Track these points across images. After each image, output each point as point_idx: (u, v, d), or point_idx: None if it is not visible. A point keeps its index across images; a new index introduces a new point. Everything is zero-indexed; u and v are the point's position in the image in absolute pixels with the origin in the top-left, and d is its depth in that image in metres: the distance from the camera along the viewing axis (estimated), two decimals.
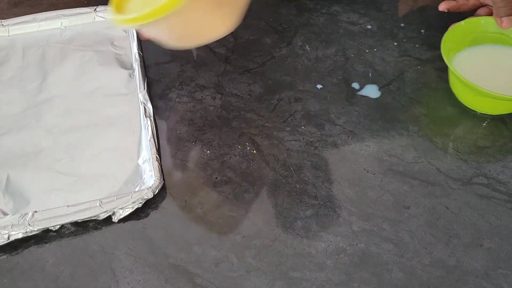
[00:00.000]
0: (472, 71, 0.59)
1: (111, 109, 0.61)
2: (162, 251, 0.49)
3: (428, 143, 0.58)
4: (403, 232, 0.50)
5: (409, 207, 0.52)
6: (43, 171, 0.55)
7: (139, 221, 0.52)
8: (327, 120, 0.60)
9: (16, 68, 0.66)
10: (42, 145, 0.58)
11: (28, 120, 0.60)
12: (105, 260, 0.49)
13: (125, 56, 0.67)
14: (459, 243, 0.50)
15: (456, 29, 0.61)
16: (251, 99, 0.62)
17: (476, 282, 0.47)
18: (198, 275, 0.48)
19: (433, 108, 0.59)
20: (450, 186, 0.54)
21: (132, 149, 0.57)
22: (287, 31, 0.65)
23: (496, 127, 0.59)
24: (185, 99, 0.63)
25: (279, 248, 0.50)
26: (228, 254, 0.49)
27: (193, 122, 0.60)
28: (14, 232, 0.49)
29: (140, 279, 0.48)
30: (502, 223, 0.51)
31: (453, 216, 0.52)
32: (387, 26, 0.71)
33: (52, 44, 0.69)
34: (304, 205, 0.53)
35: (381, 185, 0.54)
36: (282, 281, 0.47)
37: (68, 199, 0.52)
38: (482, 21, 0.62)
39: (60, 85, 0.64)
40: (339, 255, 0.49)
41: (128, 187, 0.53)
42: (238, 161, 0.56)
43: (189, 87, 0.64)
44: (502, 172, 0.55)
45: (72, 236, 0.51)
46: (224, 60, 0.67)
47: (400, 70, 0.65)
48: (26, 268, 0.49)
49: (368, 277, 0.47)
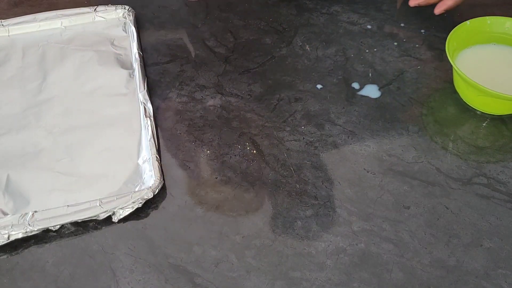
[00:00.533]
0: (476, 70, 0.59)
1: (111, 109, 0.61)
2: (162, 251, 0.49)
3: (428, 143, 0.58)
4: (403, 232, 0.50)
5: (409, 207, 0.52)
6: (43, 171, 0.55)
7: (139, 221, 0.52)
8: (327, 120, 0.60)
9: (16, 68, 0.66)
10: (42, 145, 0.58)
11: (28, 120, 0.60)
12: (105, 260, 0.49)
13: (125, 56, 0.67)
14: (459, 243, 0.50)
15: (461, 28, 0.61)
16: (251, 99, 0.62)
17: (476, 282, 0.47)
18: (198, 275, 0.48)
19: (433, 108, 0.59)
20: (450, 186, 0.54)
21: (132, 149, 0.57)
22: (287, 31, 0.65)
23: (496, 127, 0.59)
24: (185, 99, 0.63)
25: (279, 248, 0.50)
26: (228, 254, 0.49)
27: (193, 122, 0.60)
28: (14, 232, 0.49)
29: (140, 279, 0.48)
30: (502, 223, 0.51)
31: (453, 216, 0.52)
32: (387, 26, 0.71)
33: (52, 44, 0.69)
34: (304, 205, 0.53)
35: (381, 185, 0.54)
36: (282, 281, 0.47)
37: (68, 199, 0.52)
38: (488, 21, 0.62)
39: (60, 85, 0.64)
40: (339, 255, 0.49)
41: (128, 187, 0.53)
42: (238, 161, 0.56)
43: (189, 87, 0.64)
44: (502, 172, 0.55)
45: (72, 236, 0.51)
46: (224, 60, 0.67)
47: (400, 70, 0.66)
48: (26, 268, 0.49)
49: (368, 277, 0.47)
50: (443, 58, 0.66)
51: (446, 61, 0.58)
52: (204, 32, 0.71)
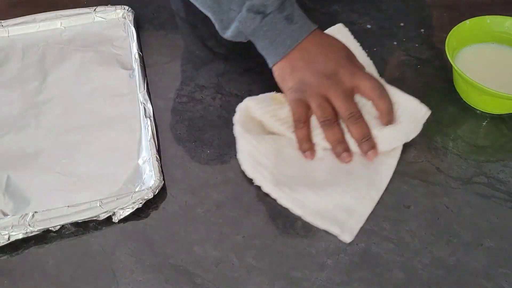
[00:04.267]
0: (476, 69, 0.59)
1: (111, 109, 0.61)
2: (162, 251, 0.49)
3: (428, 142, 0.58)
4: (403, 232, 0.50)
5: (409, 207, 0.52)
6: (43, 171, 0.55)
7: (139, 221, 0.52)
8: None
9: (16, 68, 0.66)
10: (42, 145, 0.58)
11: (28, 121, 0.60)
12: (106, 260, 0.49)
13: (125, 56, 0.67)
14: (459, 243, 0.50)
15: (461, 28, 0.61)
16: None
17: (476, 281, 0.47)
18: (198, 275, 0.48)
19: (433, 107, 0.59)
20: (450, 185, 0.54)
21: (132, 149, 0.57)
22: None
23: (496, 126, 0.59)
24: (185, 99, 0.63)
25: (279, 248, 0.50)
26: (228, 254, 0.49)
27: (193, 122, 0.60)
28: (15, 232, 0.49)
29: (140, 279, 0.48)
30: (502, 222, 0.51)
31: (453, 215, 0.52)
32: (387, 25, 0.71)
33: (51, 45, 0.69)
34: None
35: None
36: (283, 281, 0.47)
37: (68, 200, 0.52)
38: (487, 20, 0.62)
39: (60, 85, 0.64)
40: (340, 255, 0.49)
41: (128, 188, 0.53)
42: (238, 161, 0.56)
43: (189, 87, 0.64)
44: (502, 171, 0.55)
45: (73, 237, 0.51)
46: (224, 60, 0.67)
47: (400, 70, 0.65)
48: (27, 268, 0.49)
49: (369, 277, 0.47)
50: (442, 58, 0.66)
51: (446, 60, 0.58)
52: (204, 32, 0.71)
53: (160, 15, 0.74)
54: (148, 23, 0.72)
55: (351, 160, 0.54)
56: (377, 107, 0.55)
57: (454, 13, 0.71)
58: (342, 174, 0.53)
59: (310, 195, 0.51)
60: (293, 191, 0.51)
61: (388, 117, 0.54)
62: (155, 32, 0.71)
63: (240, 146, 0.55)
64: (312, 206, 0.51)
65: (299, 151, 0.55)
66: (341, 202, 0.51)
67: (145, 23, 0.72)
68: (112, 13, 0.72)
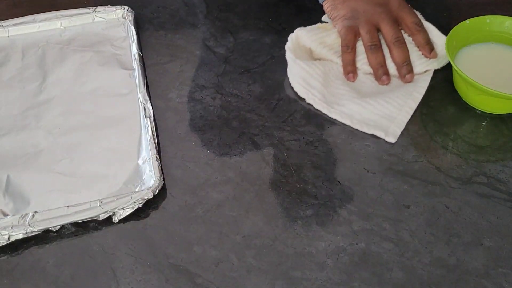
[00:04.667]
0: (475, 69, 0.59)
1: (111, 109, 0.61)
2: (162, 251, 0.49)
3: (428, 142, 0.58)
4: (403, 232, 0.50)
5: (409, 206, 0.52)
6: (43, 171, 0.55)
7: (139, 221, 0.52)
8: (327, 119, 0.60)
9: (16, 68, 0.66)
10: (42, 145, 0.58)
11: (28, 121, 0.60)
12: (106, 260, 0.49)
13: (125, 56, 0.67)
14: (459, 242, 0.50)
15: (460, 27, 0.61)
16: (251, 99, 0.62)
17: (476, 281, 0.47)
18: (198, 275, 0.48)
19: (433, 107, 0.59)
20: (450, 185, 0.54)
21: (132, 149, 0.57)
22: (287, 31, 0.65)
23: (496, 126, 0.59)
24: (185, 99, 0.63)
25: (279, 247, 0.50)
26: (228, 254, 0.49)
27: (193, 122, 0.60)
28: (15, 232, 0.49)
29: (140, 279, 0.48)
30: (502, 222, 0.51)
31: (453, 215, 0.52)
32: None
33: (51, 45, 0.69)
34: (304, 204, 0.53)
35: (381, 185, 0.54)
36: (283, 280, 0.47)
37: (68, 200, 0.52)
38: (487, 20, 0.62)
39: (60, 85, 0.64)
40: (340, 255, 0.49)
41: (128, 188, 0.53)
42: (238, 161, 0.56)
43: (189, 87, 0.64)
44: (502, 171, 0.55)
45: (73, 237, 0.51)
46: (224, 60, 0.67)
47: None
48: (27, 268, 0.49)
49: (369, 277, 0.47)
50: None
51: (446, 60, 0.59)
52: (203, 32, 0.71)
53: (160, 15, 0.74)
54: (148, 23, 0.72)
55: (389, 83, 0.61)
56: (415, 40, 0.63)
57: (454, 13, 0.71)
58: (382, 89, 0.61)
59: (356, 108, 0.59)
60: (341, 106, 0.59)
61: (427, 47, 0.62)
62: (155, 32, 0.71)
63: (293, 70, 0.62)
64: (358, 117, 0.59)
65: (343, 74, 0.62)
66: (383, 111, 0.59)
67: (145, 23, 0.72)
68: (112, 13, 0.72)
